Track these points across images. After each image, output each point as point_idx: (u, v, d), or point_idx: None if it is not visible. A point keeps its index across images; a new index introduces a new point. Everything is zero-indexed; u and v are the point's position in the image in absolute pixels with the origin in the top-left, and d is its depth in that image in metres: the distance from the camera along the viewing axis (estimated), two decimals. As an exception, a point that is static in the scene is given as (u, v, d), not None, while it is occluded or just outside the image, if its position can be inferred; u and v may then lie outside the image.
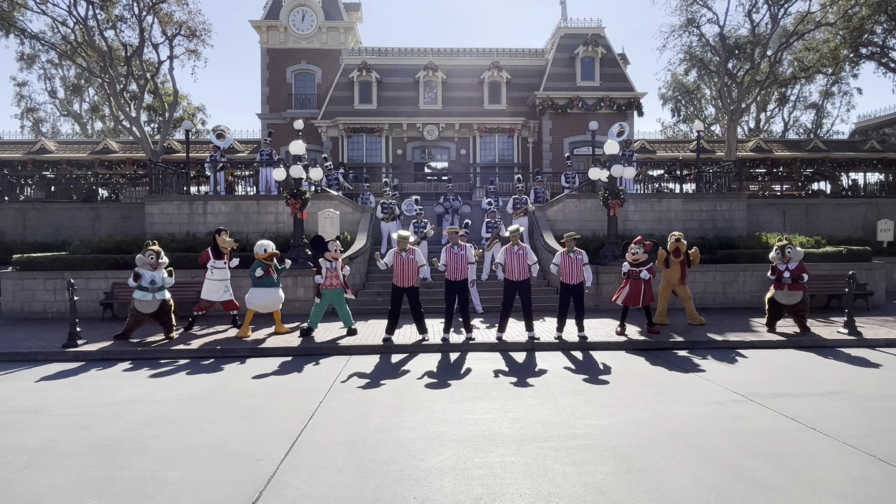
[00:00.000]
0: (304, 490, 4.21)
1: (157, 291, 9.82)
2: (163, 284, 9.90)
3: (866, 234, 20.32)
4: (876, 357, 8.76)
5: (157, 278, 9.83)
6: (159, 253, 9.92)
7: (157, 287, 9.81)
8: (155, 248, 9.90)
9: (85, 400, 6.71)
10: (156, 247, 9.97)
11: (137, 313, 9.85)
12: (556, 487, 4.21)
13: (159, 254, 9.91)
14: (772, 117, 41.41)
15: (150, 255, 9.82)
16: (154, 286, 9.78)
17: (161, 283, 9.86)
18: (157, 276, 9.85)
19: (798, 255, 10.14)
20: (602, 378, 7.55)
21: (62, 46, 26.41)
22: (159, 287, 9.84)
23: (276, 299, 10.50)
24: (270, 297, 10.39)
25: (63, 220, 20.46)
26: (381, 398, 6.68)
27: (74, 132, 42.76)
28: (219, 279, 10.86)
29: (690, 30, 27.29)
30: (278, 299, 10.55)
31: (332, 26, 27.18)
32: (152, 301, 9.77)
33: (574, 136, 25.73)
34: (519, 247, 9.77)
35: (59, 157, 26.00)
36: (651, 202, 17.02)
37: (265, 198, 16.59)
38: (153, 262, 9.80)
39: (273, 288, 10.42)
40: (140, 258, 9.86)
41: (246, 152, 26.95)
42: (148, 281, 9.76)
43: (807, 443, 5.08)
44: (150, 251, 9.84)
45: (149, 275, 9.79)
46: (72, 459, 4.85)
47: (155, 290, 9.78)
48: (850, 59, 27.59)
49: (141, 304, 9.76)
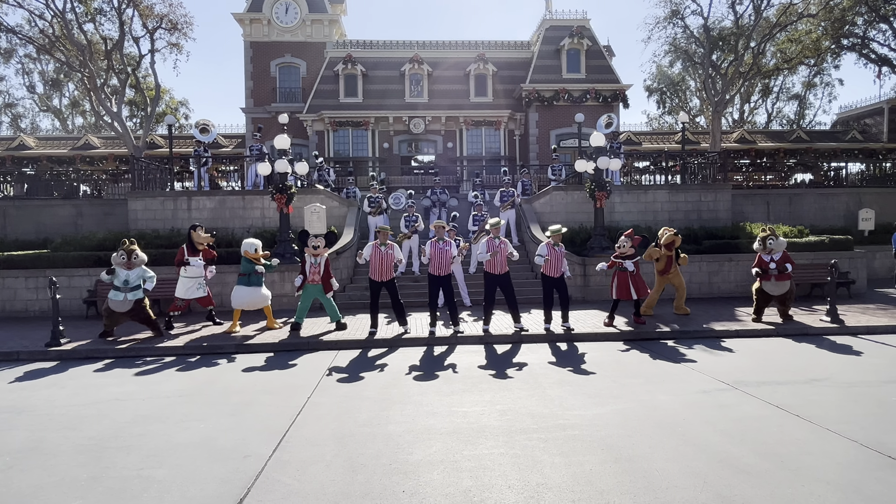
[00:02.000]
0: (293, 486, 4.20)
1: (130, 291, 9.59)
2: (138, 284, 9.68)
3: (848, 224, 20.61)
4: (858, 344, 8.90)
5: (130, 278, 9.62)
6: (131, 252, 9.64)
7: (130, 287, 9.60)
8: (127, 248, 9.64)
9: (69, 399, 6.62)
10: (132, 246, 9.73)
11: (111, 312, 9.72)
12: (544, 478, 4.23)
13: (131, 253, 9.63)
14: (755, 108, 41.82)
15: (122, 254, 9.60)
16: (127, 286, 9.57)
17: (136, 283, 9.65)
18: (132, 276, 9.64)
19: (780, 245, 10.27)
20: (589, 369, 7.60)
21: (40, 40, 25.94)
22: (133, 287, 9.61)
23: (260, 297, 10.38)
24: (254, 296, 10.29)
25: (44, 218, 20.10)
26: (369, 392, 6.66)
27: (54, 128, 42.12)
28: (192, 276, 10.68)
29: (675, 21, 27.40)
30: (263, 297, 10.44)
31: (317, 19, 26.90)
32: (124, 301, 9.57)
33: (560, 128, 25.77)
34: (500, 240, 9.78)
35: (39, 154, 25.57)
36: (637, 194, 17.13)
37: (251, 193, 16.45)
38: (125, 262, 9.59)
39: (257, 287, 10.31)
40: (114, 257, 9.69)
41: (230, 147, 26.68)
42: (121, 280, 9.58)
43: (791, 430, 5.16)
44: (122, 251, 9.62)
45: (123, 274, 9.60)
46: (56, 459, 4.79)
47: (127, 290, 9.57)
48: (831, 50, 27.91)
49: (114, 304, 9.62)
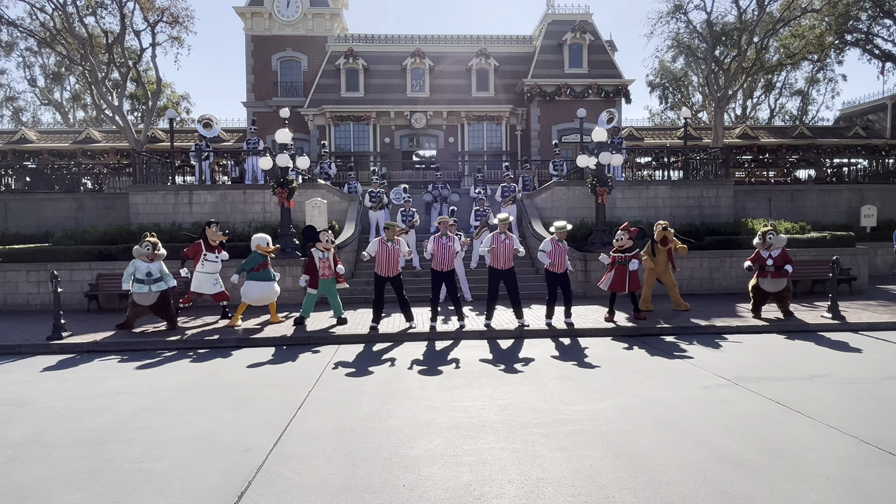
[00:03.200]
0: (294, 479, 4.21)
1: (154, 283, 9.76)
2: (160, 276, 9.83)
3: (850, 220, 20.57)
4: (858, 341, 8.90)
5: (153, 270, 9.77)
6: (156, 245, 9.83)
7: (154, 279, 9.76)
8: (152, 240, 9.83)
9: (70, 392, 6.64)
10: (153, 238, 9.90)
11: (137, 306, 9.85)
12: (544, 473, 4.24)
13: (156, 245, 9.83)
14: (758, 104, 41.69)
15: (147, 246, 9.75)
16: (150, 278, 9.73)
17: (159, 275, 9.80)
18: (154, 268, 9.79)
19: (780, 241, 10.12)
20: (590, 364, 7.60)
21: (41, 33, 25.85)
22: (156, 279, 9.77)
23: (271, 293, 10.45)
24: (265, 291, 10.34)
25: (45, 211, 20.14)
26: (370, 387, 6.67)
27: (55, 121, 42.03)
28: (209, 272, 10.78)
29: (678, 16, 27.27)
30: (273, 293, 10.50)
31: (318, 13, 26.81)
32: (149, 293, 9.72)
33: (562, 123, 25.69)
34: (506, 235, 9.78)
35: (40, 147, 25.55)
36: (638, 189, 17.10)
37: (252, 187, 16.44)
38: (149, 254, 9.74)
39: (269, 281, 10.38)
40: (137, 249, 9.81)
41: (232, 141, 26.65)
42: (144, 273, 9.71)
43: (791, 425, 5.16)
44: (146, 242, 9.78)
45: (144, 267, 9.74)
46: (57, 452, 4.80)
47: (151, 283, 9.73)
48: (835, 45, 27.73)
49: (139, 297, 9.76)
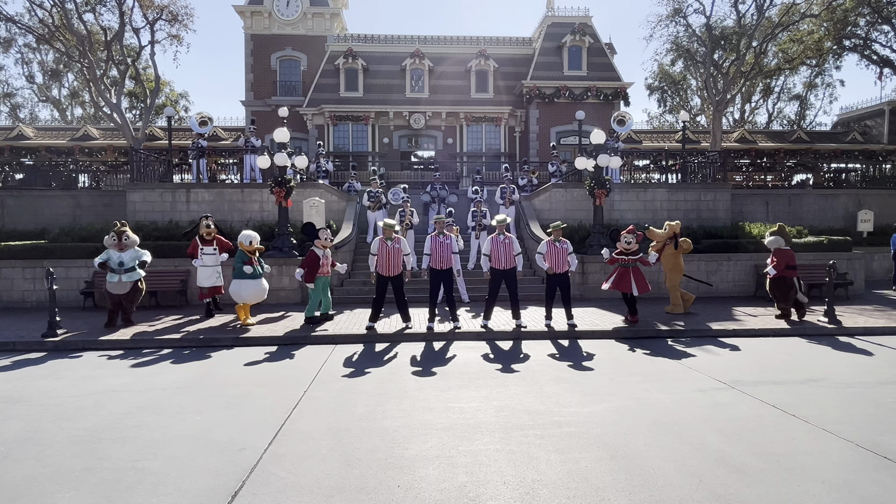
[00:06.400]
0: (288, 479, 4.19)
1: (125, 273, 9.81)
2: (133, 266, 9.85)
3: (847, 225, 20.62)
4: (855, 345, 8.91)
5: (124, 259, 9.82)
6: (122, 233, 9.88)
7: (125, 269, 9.80)
8: (118, 229, 9.87)
9: (65, 390, 6.61)
10: (123, 227, 9.94)
11: (111, 295, 9.92)
12: (540, 475, 4.23)
13: (122, 234, 9.87)
14: (756, 108, 41.74)
15: (113, 236, 9.85)
16: (121, 268, 9.78)
17: (131, 265, 9.83)
18: (127, 258, 9.85)
19: (772, 242, 10.58)
20: (587, 366, 7.60)
21: (39, 30, 25.75)
22: (128, 268, 9.81)
23: (260, 290, 10.38)
24: (254, 289, 10.28)
25: (42, 208, 20.08)
26: (365, 387, 6.66)
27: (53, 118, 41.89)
28: (211, 265, 10.85)
29: (677, 20, 27.27)
30: (262, 290, 10.43)
31: (318, 12, 26.82)
32: (120, 283, 9.79)
33: (561, 125, 25.72)
34: (505, 236, 9.78)
35: (37, 144, 25.42)
36: (637, 192, 17.11)
37: (249, 186, 16.40)
38: (116, 243, 9.81)
39: (257, 279, 10.31)
40: (106, 239, 9.94)
41: (230, 140, 26.60)
42: (116, 262, 9.80)
43: (787, 429, 5.16)
44: (113, 233, 9.88)
45: (116, 256, 9.83)
46: (51, 450, 4.78)
47: (122, 272, 9.78)
48: (833, 50, 27.82)
49: (111, 286, 9.85)
